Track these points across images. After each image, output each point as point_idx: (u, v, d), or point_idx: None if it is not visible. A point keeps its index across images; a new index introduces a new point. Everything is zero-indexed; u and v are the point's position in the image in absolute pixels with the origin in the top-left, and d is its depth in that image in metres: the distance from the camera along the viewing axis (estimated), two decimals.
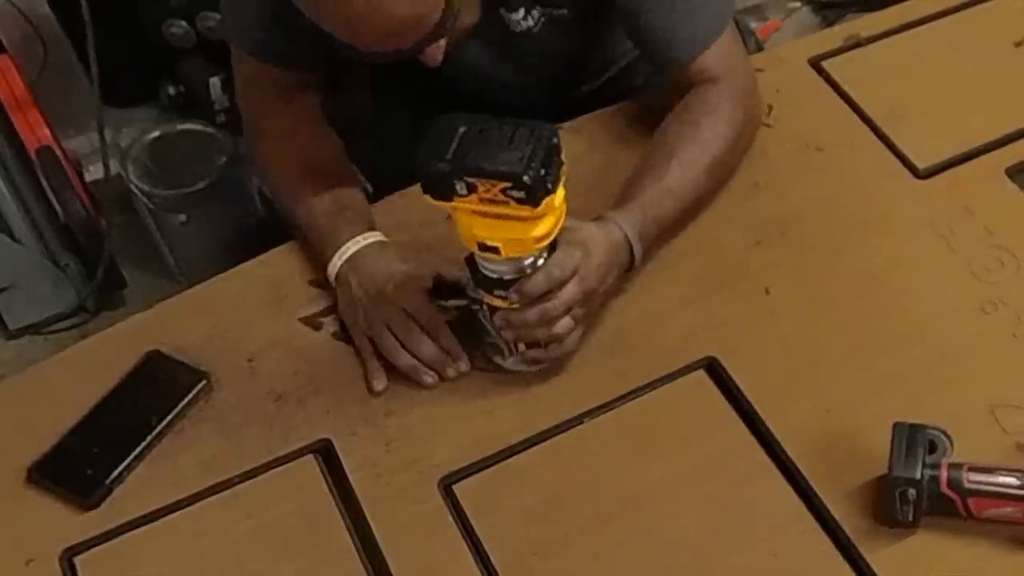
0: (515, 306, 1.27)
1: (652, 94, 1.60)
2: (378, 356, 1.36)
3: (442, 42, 1.33)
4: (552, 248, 1.24)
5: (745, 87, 1.50)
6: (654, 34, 1.47)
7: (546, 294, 1.25)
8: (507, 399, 1.34)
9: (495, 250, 1.20)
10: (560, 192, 1.17)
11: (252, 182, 2.35)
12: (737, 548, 1.22)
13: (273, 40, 1.48)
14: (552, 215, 1.19)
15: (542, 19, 1.50)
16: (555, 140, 1.14)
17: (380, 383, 1.35)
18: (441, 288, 1.38)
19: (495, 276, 1.25)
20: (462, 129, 1.15)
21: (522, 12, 1.49)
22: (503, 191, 1.13)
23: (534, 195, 1.13)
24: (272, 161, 1.54)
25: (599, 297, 1.34)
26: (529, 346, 1.32)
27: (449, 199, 1.16)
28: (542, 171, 1.12)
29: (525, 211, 1.14)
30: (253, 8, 1.47)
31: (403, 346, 1.34)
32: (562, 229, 1.23)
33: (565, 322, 1.29)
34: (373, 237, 1.41)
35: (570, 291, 1.27)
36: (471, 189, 1.14)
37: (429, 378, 1.34)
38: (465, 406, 1.34)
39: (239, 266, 1.49)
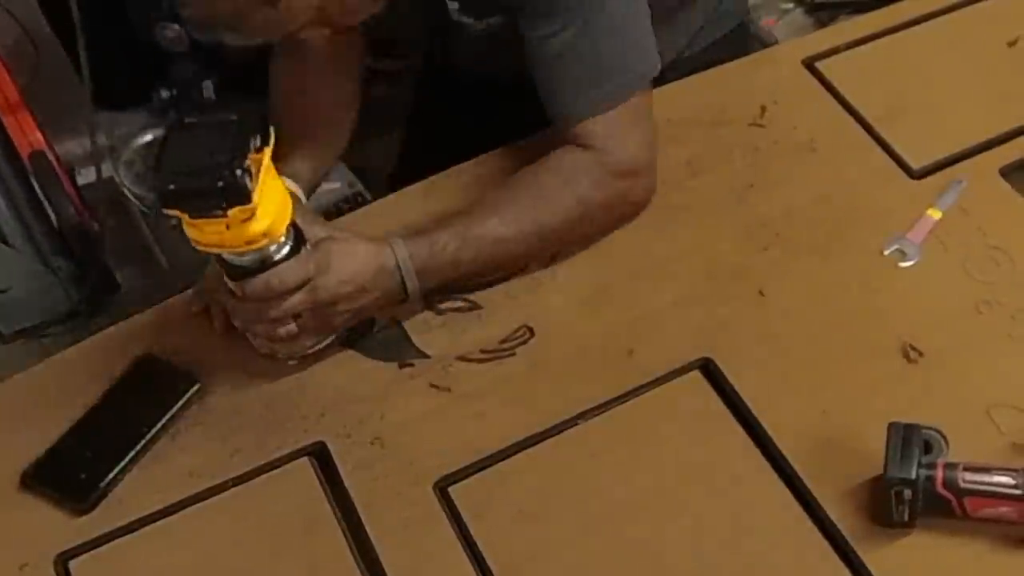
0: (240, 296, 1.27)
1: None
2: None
3: (321, 31, 1.30)
4: (296, 249, 1.24)
5: (622, 168, 1.40)
6: (543, 78, 1.39)
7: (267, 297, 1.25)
8: (502, 401, 1.34)
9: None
10: (217, 226, 1.17)
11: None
12: (733, 549, 1.22)
13: None
14: (198, 230, 1.19)
15: (470, 22, 1.45)
16: (219, 184, 1.13)
17: (195, 305, 1.40)
18: None
19: (225, 260, 1.25)
20: (231, 117, 1.17)
21: (456, 5, 1.43)
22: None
23: (160, 198, 1.15)
24: (272, 88, 1.53)
25: (342, 312, 1.31)
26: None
27: None
28: (173, 187, 1.13)
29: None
30: None
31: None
32: (320, 237, 1.26)
33: (287, 328, 1.29)
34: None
35: (293, 301, 1.26)
36: None
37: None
38: (460, 408, 1.33)
39: None
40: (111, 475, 1.28)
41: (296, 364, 1.36)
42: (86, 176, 2.39)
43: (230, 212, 1.15)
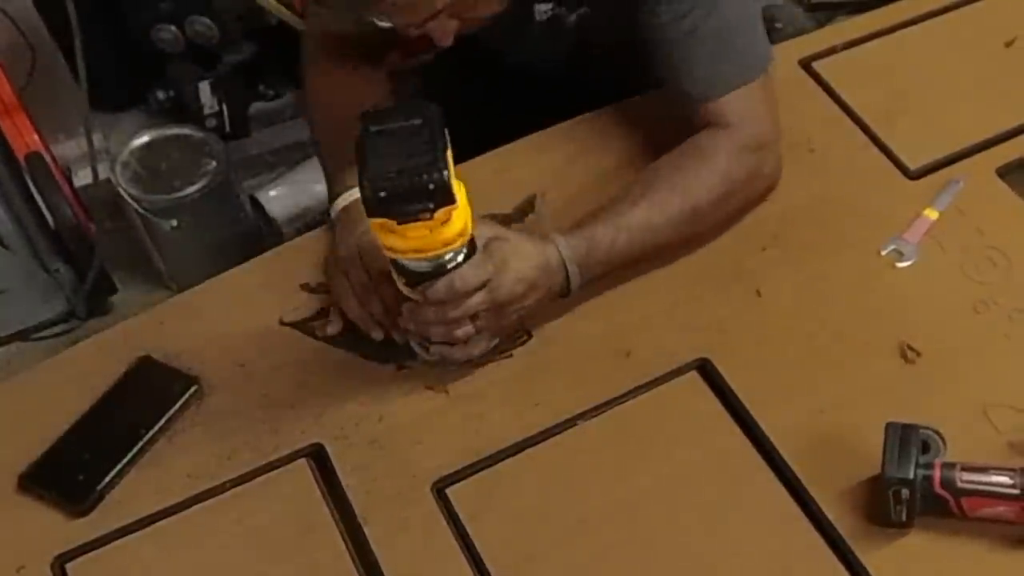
0: (419, 300, 1.27)
1: (649, 100, 1.58)
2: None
3: (453, 21, 1.32)
4: (471, 252, 1.24)
5: (757, 142, 1.44)
6: (675, 63, 1.43)
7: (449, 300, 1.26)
8: (500, 402, 1.34)
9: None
10: (420, 231, 1.17)
11: (242, 186, 2.35)
12: (731, 549, 1.22)
13: None
14: (399, 238, 1.19)
15: (565, 14, 1.50)
16: (430, 186, 1.13)
17: (333, 327, 1.38)
18: None
19: (407, 268, 1.25)
20: (415, 122, 1.16)
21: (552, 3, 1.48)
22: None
23: (367, 204, 1.16)
24: (312, 102, 1.56)
25: (515, 311, 1.32)
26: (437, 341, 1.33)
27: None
28: (383, 193, 1.13)
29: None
30: None
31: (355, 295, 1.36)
32: (488, 239, 1.27)
33: (466, 329, 1.30)
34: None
35: (474, 301, 1.27)
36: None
37: (375, 331, 1.36)
38: (457, 409, 1.33)
39: (230, 271, 1.49)
40: (109, 477, 1.28)
41: (456, 370, 1.36)
42: (83, 178, 2.40)
43: (436, 213, 1.15)
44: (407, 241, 1.19)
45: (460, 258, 1.23)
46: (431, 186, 1.13)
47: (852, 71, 1.65)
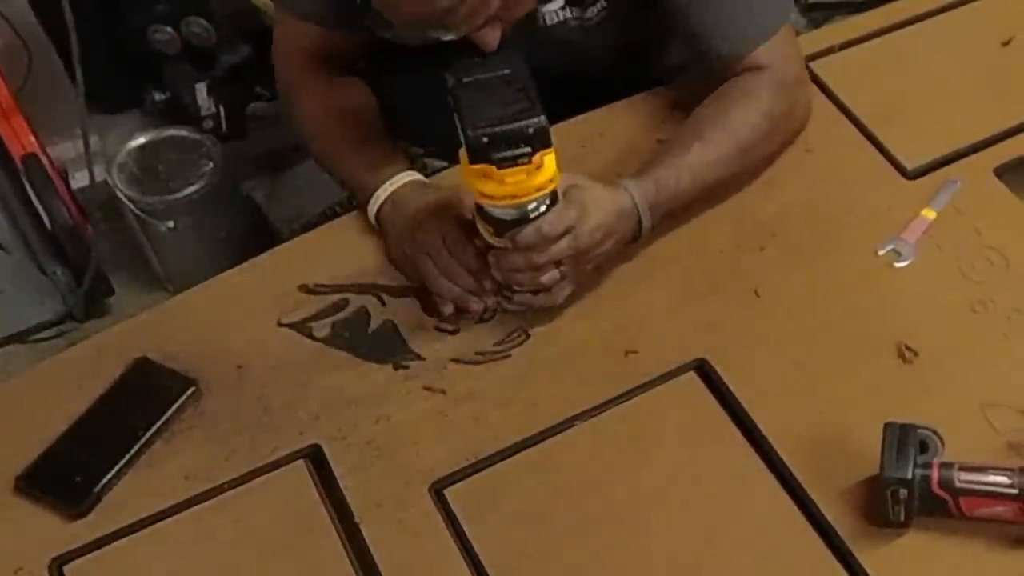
0: (508, 248, 1.32)
1: (681, 85, 1.61)
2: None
3: (499, 25, 1.33)
4: (553, 201, 1.29)
5: (792, 79, 1.50)
6: (705, 30, 1.48)
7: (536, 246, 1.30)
8: (498, 403, 1.33)
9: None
10: (518, 176, 1.23)
11: (239, 188, 2.35)
12: (729, 550, 1.22)
13: (321, 3, 1.51)
14: (497, 185, 1.24)
15: (577, 20, 1.52)
16: (530, 130, 1.21)
17: (446, 308, 1.40)
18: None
19: (495, 217, 1.30)
20: (503, 71, 1.26)
21: (559, 3, 1.50)
22: (460, 130, 1.24)
23: (471, 152, 1.23)
24: (308, 119, 1.58)
25: (594, 258, 1.37)
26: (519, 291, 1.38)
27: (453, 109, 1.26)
28: (486, 138, 1.21)
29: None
30: None
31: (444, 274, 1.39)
32: (567, 186, 1.31)
33: (552, 274, 1.34)
34: (411, 176, 1.46)
35: (560, 247, 1.31)
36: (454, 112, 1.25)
37: (475, 304, 1.39)
38: (455, 410, 1.33)
39: (227, 272, 1.49)
40: (106, 479, 1.28)
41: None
42: (79, 179, 2.39)
43: (534, 158, 1.22)
44: (504, 187, 1.25)
45: (544, 207, 1.28)
46: (531, 130, 1.21)
47: (849, 71, 1.65)
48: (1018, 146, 1.55)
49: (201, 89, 2.48)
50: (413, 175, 1.47)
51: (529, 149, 1.22)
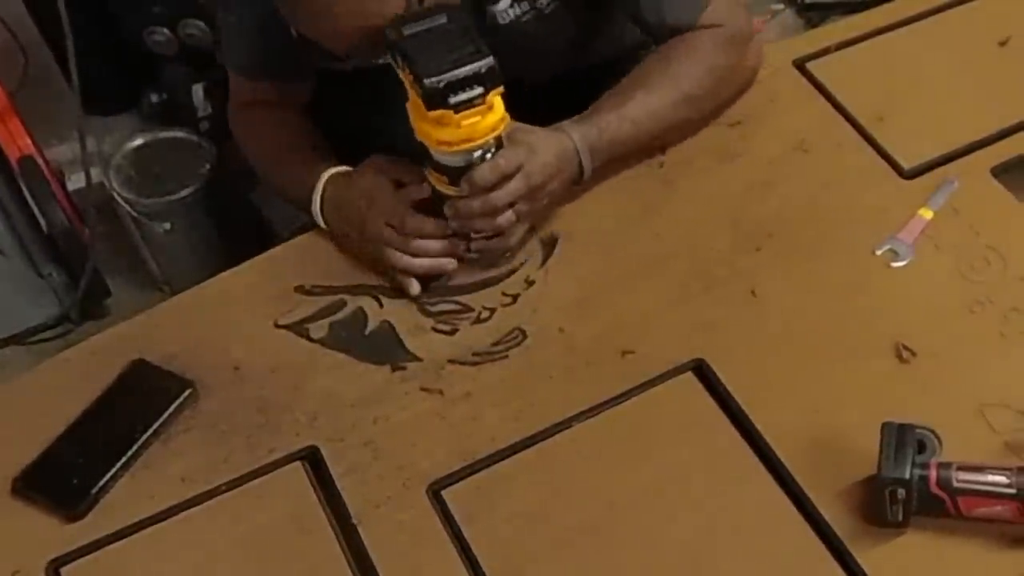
0: (463, 195, 1.36)
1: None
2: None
3: None
4: (499, 146, 1.33)
5: (735, 35, 1.53)
6: (657, 7, 1.52)
7: (492, 186, 1.34)
8: (495, 404, 1.33)
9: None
10: (473, 118, 1.27)
11: (235, 189, 2.34)
12: (727, 550, 1.22)
13: (261, 58, 1.56)
14: (454, 130, 1.28)
15: (530, 12, 1.52)
16: (483, 69, 1.25)
17: (412, 287, 1.43)
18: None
19: (450, 166, 1.34)
20: (441, 21, 1.27)
21: (508, 2, 1.51)
22: (413, 82, 1.26)
23: (428, 100, 1.25)
24: (250, 155, 1.62)
25: (543, 197, 1.41)
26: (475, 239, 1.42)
27: (397, 67, 1.29)
28: (442, 84, 1.24)
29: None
30: (241, 27, 1.55)
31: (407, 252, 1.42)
32: (510, 131, 1.34)
33: (507, 215, 1.38)
34: (329, 173, 1.47)
35: (515, 185, 1.35)
36: (402, 67, 1.27)
37: (449, 264, 1.43)
38: (453, 411, 1.33)
39: (224, 273, 1.49)
40: (103, 481, 1.28)
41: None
42: (76, 182, 2.39)
43: (488, 97, 1.26)
44: (460, 131, 1.28)
45: (492, 152, 1.33)
46: (483, 70, 1.25)
47: (846, 71, 1.65)
48: (1015, 146, 1.55)
49: (198, 91, 2.48)
50: (331, 170, 1.48)
51: (482, 89, 1.25)
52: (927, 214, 1.47)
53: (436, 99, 1.25)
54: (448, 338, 1.40)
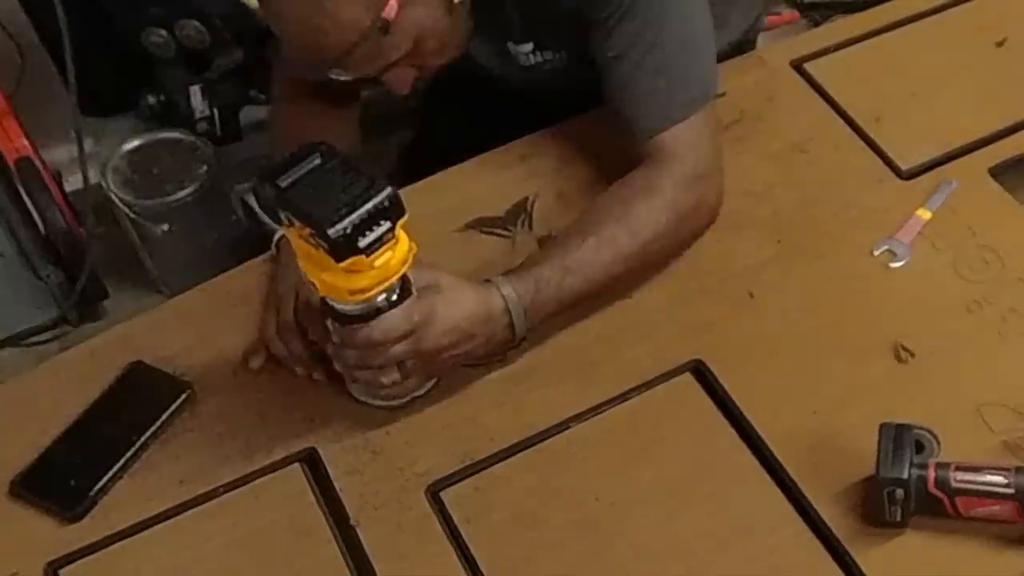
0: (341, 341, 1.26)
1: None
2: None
3: (410, 71, 1.35)
4: (404, 294, 1.22)
5: (701, 172, 1.41)
6: (618, 98, 1.43)
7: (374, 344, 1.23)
8: (493, 405, 1.33)
9: (313, 285, 1.19)
10: (385, 255, 1.14)
11: (233, 190, 2.34)
12: (726, 550, 1.22)
13: None
14: (368, 274, 1.15)
15: (550, 62, 1.51)
16: (386, 202, 1.11)
17: (255, 360, 1.37)
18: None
19: (347, 313, 1.22)
20: (316, 162, 1.13)
21: (530, 46, 1.49)
22: (312, 235, 1.12)
23: (337, 250, 1.11)
24: (283, 128, 1.58)
25: (447, 360, 1.29)
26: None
27: (279, 223, 1.15)
28: (349, 229, 1.10)
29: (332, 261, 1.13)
30: None
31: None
32: (425, 285, 1.24)
33: (391, 375, 1.28)
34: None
35: (397, 350, 1.24)
36: (291, 222, 1.13)
37: (299, 370, 1.35)
38: (451, 412, 1.33)
39: (222, 275, 1.49)
40: (101, 483, 1.28)
41: (397, 408, 1.34)
42: (73, 183, 2.38)
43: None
44: (373, 272, 1.15)
45: (395, 297, 1.20)
46: (385, 203, 1.11)
47: (844, 72, 1.66)
48: (1013, 146, 1.56)
49: (195, 92, 2.48)
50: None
51: (390, 224, 1.13)
52: (925, 214, 1.47)
53: (345, 247, 1.11)
54: None
